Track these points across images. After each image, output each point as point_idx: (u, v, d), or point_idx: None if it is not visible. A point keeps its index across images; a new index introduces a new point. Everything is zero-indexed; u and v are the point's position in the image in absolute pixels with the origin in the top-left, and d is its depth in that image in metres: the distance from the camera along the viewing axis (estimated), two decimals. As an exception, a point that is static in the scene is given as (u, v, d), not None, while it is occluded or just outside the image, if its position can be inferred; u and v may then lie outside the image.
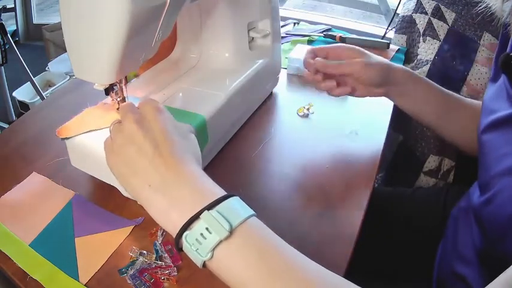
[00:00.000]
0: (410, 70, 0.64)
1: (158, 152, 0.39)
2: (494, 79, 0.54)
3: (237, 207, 0.36)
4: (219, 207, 0.35)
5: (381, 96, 0.65)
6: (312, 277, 0.34)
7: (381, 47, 0.98)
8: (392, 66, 0.63)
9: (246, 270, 0.34)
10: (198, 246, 0.34)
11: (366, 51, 0.64)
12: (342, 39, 0.99)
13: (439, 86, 0.65)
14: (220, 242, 0.34)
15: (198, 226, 0.35)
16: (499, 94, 0.51)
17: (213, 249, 0.34)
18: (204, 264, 0.35)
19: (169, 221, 0.37)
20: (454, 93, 0.65)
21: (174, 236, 0.36)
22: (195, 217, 0.35)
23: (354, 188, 0.60)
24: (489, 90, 0.55)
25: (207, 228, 0.34)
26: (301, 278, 0.33)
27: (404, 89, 0.63)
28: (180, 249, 0.36)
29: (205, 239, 0.34)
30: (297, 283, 0.33)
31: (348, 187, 0.60)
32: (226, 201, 0.36)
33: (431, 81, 0.65)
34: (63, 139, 0.55)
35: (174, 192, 0.37)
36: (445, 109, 0.64)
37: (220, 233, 0.34)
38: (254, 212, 0.37)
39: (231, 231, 0.34)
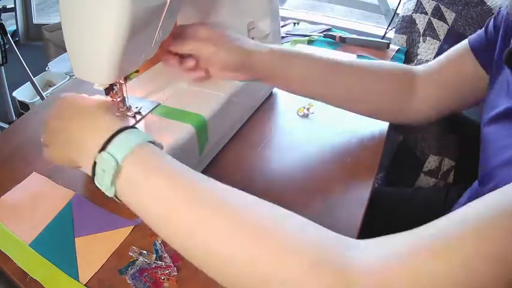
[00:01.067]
0: (278, 48, 0.58)
1: (67, 122, 0.45)
2: (497, 78, 0.54)
3: (127, 139, 0.39)
4: (110, 145, 0.39)
5: (242, 80, 0.58)
6: (205, 188, 0.37)
7: (380, 47, 0.98)
8: (253, 49, 0.55)
9: (139, 196, 0.38)
10: (102, 185, 0.39)
11: (226, 33, 0.55)
12: (342, 39, 0.99)
13: (312, 54, 0.60)
14: (114, 177, 0.38)
15: (97, 169, 0.39)
16: (500, 89, 0.51)
17: (111, 184, 0.38)
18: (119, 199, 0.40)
19: (85, 168, 0.41)
20: (330, 58, 0.61)
21: None
22: (95, 162, 0.39)
23: (354, 188, 0.60)
24: (492, 89, 0.55)
25: (102, 170, 0.38)
26: (195, 194, 0.37)
27: (274, 72, 0.57)
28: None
29: (103, 179, 0.38)
30: (191, 199, 0.36)
31: (348, 187, 0.60)
32: (117, 137, 0.39)
33: (304, 52, 0.60)
34: None
35: (79, 142, 0.42)
36: (324, 81, 0.60)
37: (109, 169, 0.37)
38: (146, 138, 0.40)
39: (119, 165, 0.38)
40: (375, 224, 0.65)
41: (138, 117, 0.57)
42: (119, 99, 0.55)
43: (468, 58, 0.59)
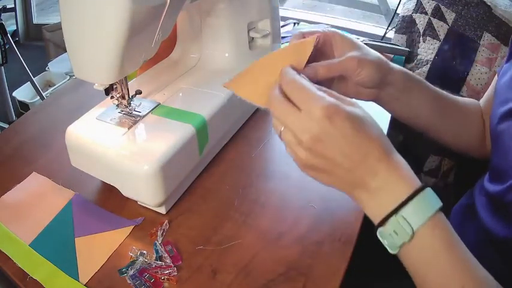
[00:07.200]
0: (409, 72, 0.56)
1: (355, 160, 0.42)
2: (509, 66, 0.54)
3: (421, 208, 0.39)
4: (404, 210, 0.38)
5: (369, 100, 0.54)
6: (482, 279, 0.38)
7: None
8: (391, 65, 0.53)
9: (424, 266, 0.39)
10: (387, 242, 0.39)
11: (360, 43, 0.51)
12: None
13: (434, 87, 0.58)
14: (404, 243, 0.38)
15: (387, 228, 0.39)
16: (510, 81, 0.51)
17: (399, 247, 0.39)
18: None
19: (370, 215, 0.42)
20: (448, 94, 0.60)
21: None
22: (384, 219, 0.39)
23: (354, 188, 0.60)
24: (503, 78, 0.54)
25: (395, 232, 0.39)
26: (474, 278, 0.38)
27: (401, 93, 0.54)
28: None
29: (393, 238, 0.39)
30: (469, 283, 0.37)
31: (348, 187, 0.60)
32: (411, 202, 0.38)
33: (427, 82, 0.57)
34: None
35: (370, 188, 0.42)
36: (439, 115, 0.58)
37: (404, 237, 0.38)
38: (439, 207, 0.39)
39: (413, 235, 0.38)
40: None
41: (138, 117, 0.57)
42: (119, 99, 0.55)
43: None
